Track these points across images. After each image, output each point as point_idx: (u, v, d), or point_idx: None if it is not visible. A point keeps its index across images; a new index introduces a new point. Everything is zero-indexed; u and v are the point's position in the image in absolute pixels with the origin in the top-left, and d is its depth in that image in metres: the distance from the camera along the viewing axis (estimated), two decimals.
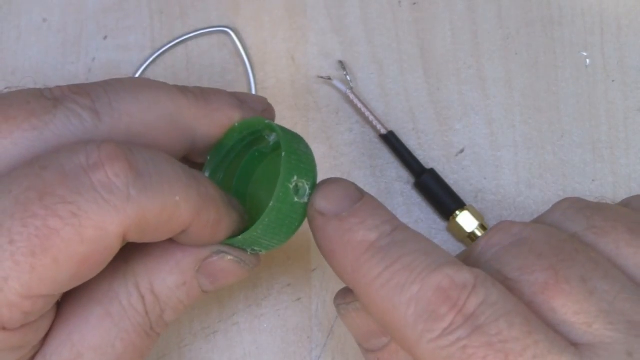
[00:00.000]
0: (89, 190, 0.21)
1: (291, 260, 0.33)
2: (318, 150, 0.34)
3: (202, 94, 0.26)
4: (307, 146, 0.26)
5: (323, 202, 0.24)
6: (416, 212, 0.33)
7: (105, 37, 0.35)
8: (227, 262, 0.26)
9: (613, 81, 0.34)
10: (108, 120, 0.24)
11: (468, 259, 0.24)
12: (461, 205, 0.32)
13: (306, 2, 0.35)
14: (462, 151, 0.34)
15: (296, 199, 0.25)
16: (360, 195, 0.24)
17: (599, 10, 0.35)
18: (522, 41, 0.35)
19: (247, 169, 0.28)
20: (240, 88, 0.35)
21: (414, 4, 0.35)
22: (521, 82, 0.34)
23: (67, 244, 0.21)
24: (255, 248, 0.26)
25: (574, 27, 0.35)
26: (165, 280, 0.25)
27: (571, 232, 0.24)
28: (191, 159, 0.27)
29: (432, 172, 0.33)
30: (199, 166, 0.27)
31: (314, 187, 0.25)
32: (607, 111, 0.34)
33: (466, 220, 0.32)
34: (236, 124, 0.27)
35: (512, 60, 0.35)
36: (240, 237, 0.25)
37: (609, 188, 0.33)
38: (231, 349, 0.32)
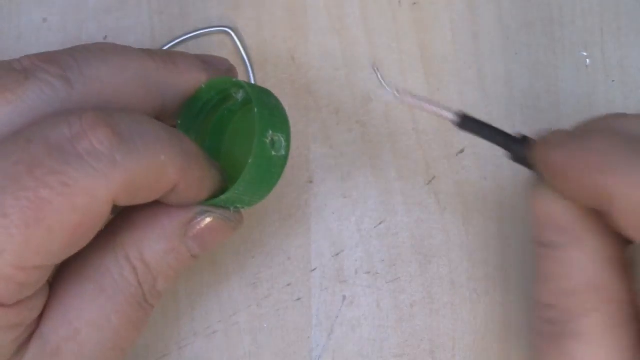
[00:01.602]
0: (76, 160, 0.21)
1: (291, 260, 0.33)
2: (318, 150, 0.34)
3: (169, 57, 0.27)
4: (277, 99, 0.27)
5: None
6: (416, 212, 0.33)
7: (105, 37, 0.35)
8: (211, 222, 0.26)
9: (613, 81, 0.34)
10: (80, 87, 0.24)
11: None
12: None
13: (306, 2, 0.35)
14: (462, 151, 0.34)
15: (274, 153, 0.25)
16: None
17: (599, 10, 0.35)
18: (522, 41, 0.35)
19: (217, 128, 0.29)
20: None
21: (414, 4, 0.35)
22: (521, 82, 0.34)
23: (60, 213, 0.21)
24: (238, 205, 0.26)
25: (574, 27, 0.35)
26: (154, 248, 0.25)
27: None
28: (161, 121, 0.28)
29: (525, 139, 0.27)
30: None
31: (289, 139, 0.26)
32: (607, 111, 0.34)
33: None
34: (203, 85, 0.27)
35: (512, 60, 0.35)
36: (222, 197, 0.25)
37: None
38: (231, 349, 0.32)
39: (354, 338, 0.32)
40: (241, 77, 0.35)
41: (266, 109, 0.25)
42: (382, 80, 0.27)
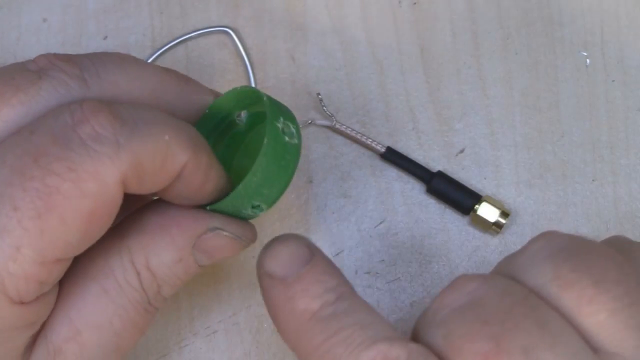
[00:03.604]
0: (79, 145, 0.21)
1: None
2: (318, 150, 0.34)
3: (182, 75, 0.27)
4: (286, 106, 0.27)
5: (271, 264, 0.24)
6: (416, 212, 0.33)
7: (105, 37, 0.35)
8: (222, 239, 0.26)
9: (613, 81, 0.34)
10: (96, 88, 0.24)
11: (423, 319, 0.23)
12: (477, 198, 0.32)
13: (306, 2, 0.35)
14: (462, 151, 0.34)
15: (287, 139, 0.25)
16: (309, 256, 0.23)
17: (599, 10, 0.35)
18: (522, 41, 0.35)
19: (226, 154, 0.29)
20: None
21: (414, 4, 0.35)
22: (521, 82, 0.34)
23: (70, 200, 0.21)
24: (256, 202, 0.25)
25: (574, 27, 0.35)
26: (161, 256, 0.25)
27: (532, 285, 0.22)
28: None
29: (440, 175, 0.33)
30: None
31: (299, 132, 0.26)
32: (607, 111, 0.34)
33: (487, 211, 0.32)
34: (212, 102, 0.27)
35: (512, 60, 0.35)
36: (240, 187, 0.24)
37: (609, 188, 0.33)
38: (231, 349, 0.32)
39: None
40: (241, 77, 0.35)
41: (275, 102, 0.26)
42: (325, 110, 0.30)
